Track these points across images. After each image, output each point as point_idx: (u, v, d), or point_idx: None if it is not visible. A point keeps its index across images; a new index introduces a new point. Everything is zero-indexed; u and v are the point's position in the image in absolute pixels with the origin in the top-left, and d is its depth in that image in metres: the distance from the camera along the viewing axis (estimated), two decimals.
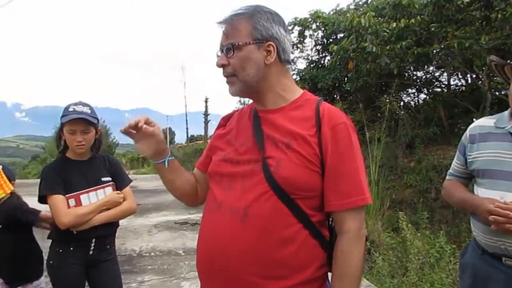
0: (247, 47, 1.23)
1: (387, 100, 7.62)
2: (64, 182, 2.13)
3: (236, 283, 1.19)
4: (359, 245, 1.19)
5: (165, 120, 48.10)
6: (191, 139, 39.20)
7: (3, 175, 1.82)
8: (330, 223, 1.29)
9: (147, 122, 1.30)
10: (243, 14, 1.25)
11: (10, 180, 2.23)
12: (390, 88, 7.95)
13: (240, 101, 20.41)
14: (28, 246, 2.46)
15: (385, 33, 6.74)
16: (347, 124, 1.23)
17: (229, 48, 1.24)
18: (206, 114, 31.88)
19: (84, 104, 2.20)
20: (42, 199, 2.14)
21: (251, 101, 1.37)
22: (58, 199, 2.09)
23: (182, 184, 1.45)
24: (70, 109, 2.16)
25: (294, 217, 1.18)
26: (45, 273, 2.40)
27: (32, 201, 2.36)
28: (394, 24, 6.65)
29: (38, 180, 2.21)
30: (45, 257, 2.30)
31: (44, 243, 2.43)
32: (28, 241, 2.49)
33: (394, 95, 8.29)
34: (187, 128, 35.52)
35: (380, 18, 7.18)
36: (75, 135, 2.15)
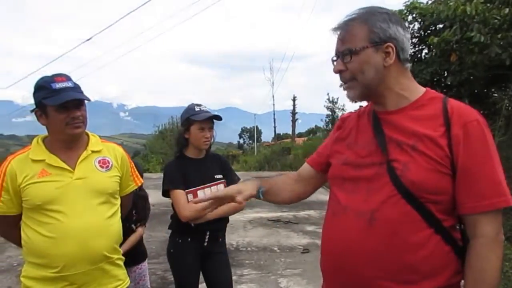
0: (364, 51, 1.21)
1: (504, 96, 6.88)
2: (183, 178, 2.33)
3: (363, 286, 1.20)
4: (496, 250, 1.12)
5: (252, 118, 49.28)
6: (278, 137, 39.64)
7: (135, 169, 2.05)
8: (462, 228, 1.23)
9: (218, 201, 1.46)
10: (358, 18, 1.24)
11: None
12: (500, 81, 7.19)
13: (328, 99, 20.17)
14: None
15: (496, 21, 6.11)
16: (480, 122, 1.16)
17: (346, 53, 1.24)
18: (293, 112, 31.99)
19: (204, 105, 2.42)
20: (165, 193, 2.37)
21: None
22: (180, 194, 2.29)
23: (283, 198, 1.55)
24: (197, 109, 2.37)
25: (425, 222, 1.15)
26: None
27: None
28: (507, 10, 6.00)
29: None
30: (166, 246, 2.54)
31: (166, 234, 2.70)
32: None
33: (505, 88, 7.48)
34: (274, 127, 36.01)
35: (489, 5, 6.52)
36: (204, 132, 2.36)
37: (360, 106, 1.49)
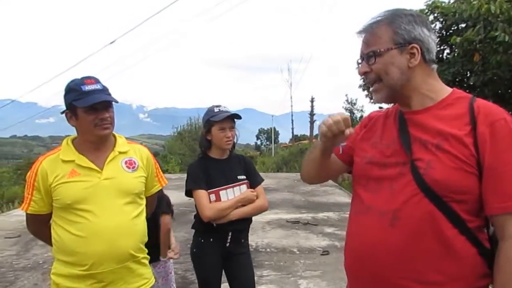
0: (389, 52, 1.22)
1: None
2: (206, 179, 2.36)
3: (386, 285, 1.20)
4: None
5: (270, 119, 49.28)
6: (295, 138, 39.54)
7: (160, 170, 2.08)
8: (490, 229, 1.21)
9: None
10: (382, 21, 1.25)
11: None
12: None
13: (347, 100, 19.99)
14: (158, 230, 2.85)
15: None
16: (508, 120, 1.14)
17: (370, 55, 1.25)
18: (311, 113, 31.86)
19: (224, 106, 2.45)
20: (188, 193, 2.40)
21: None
22: (202, 194, 2.32)
23: (326, 167, 1.48)
24: (216, 110, 2.41)
25: (449, 222, 1.14)
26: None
27: None
28: None
29: None
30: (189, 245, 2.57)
31: (186, 234, 2.73)
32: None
33: None
34: (292, 128, 35.94)
35: None
36: (225, 132, 2.38)
37: (380, 108, 1.49)
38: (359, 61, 1.31)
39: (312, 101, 32.95)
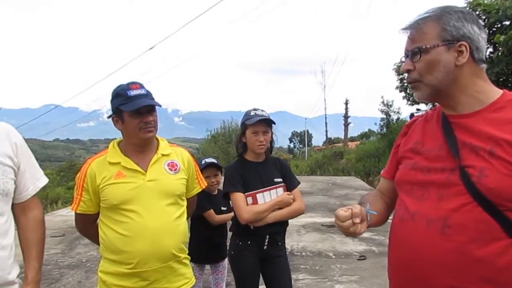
0: (435, 49, 1.19)
1: None
2: (243, 181, 2.39)
3: None
4: None
5: (303, 122, 49.03)
6: (329, 141, 39.08)
7: (200, 173, 2.13)
8: None
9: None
10: (430, 17, 1.22)
11: None
12: None
13: (383, 102, 19.57)
14: (212, 231, 2.98)
15: None
16: None
17: (415, 52, 1.21)
18: (346, 116, 31.42)
19: (262, 110, 2.46)
20: (226, 196, 2.44)
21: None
22: (239, 197, 2.35)
23: (383, 218, 1.49)
24: (252, 113, 2.42)
25: (503, 231, 1.09)
26: None
27: None
28: None
29: None
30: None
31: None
32: (211, 227, 2.98)
33: None
34: (326, 131, 35.55)
35: None
36: (258, 136, 2.38)
37: (418, 110, 1.46)
38: (403, 58, 1.28)
39: (346, 103, 32.51)
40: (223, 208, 3.04)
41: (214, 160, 3.07)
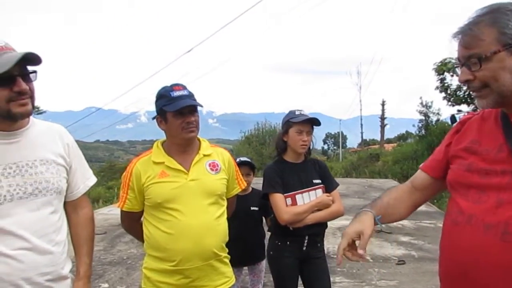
0: (496, 56, 1.10)
1: None
2: (282, 182, 2.39)
3: None
4: None
5: (337, 124, 48.40)
6: (364, 143, 38.32)
7: (240, 173, 2.15)
8: None
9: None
10: (482, 21, 1.13)
11: None
12: None
13: (421, 103, 18.97)
14: (252, 230, 2.93)
15: None
16: None
17: (474, 61, 1.13)
18: (382, 117, 30.73)
19: (304, 110, 2.46)
20: (265, 196, 2.45)
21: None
22: (279, 198, 2.35)
23: (400, 215, 1.48)
24: (297, 113, 2.43)
25: None
26: None
27: None
28: None
29: None
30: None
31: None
32: (253, 226, 2.95)
33: None
34: (361, 132, 34.89)
35: None
36: (302, 135, 2.38)
37: (459, 111, 1.39)
38: (458, 68, 1.20)
39: (383, 104, 31.81)
40: (253, 208, 3.02)
41: (248, 159, 3.08)
